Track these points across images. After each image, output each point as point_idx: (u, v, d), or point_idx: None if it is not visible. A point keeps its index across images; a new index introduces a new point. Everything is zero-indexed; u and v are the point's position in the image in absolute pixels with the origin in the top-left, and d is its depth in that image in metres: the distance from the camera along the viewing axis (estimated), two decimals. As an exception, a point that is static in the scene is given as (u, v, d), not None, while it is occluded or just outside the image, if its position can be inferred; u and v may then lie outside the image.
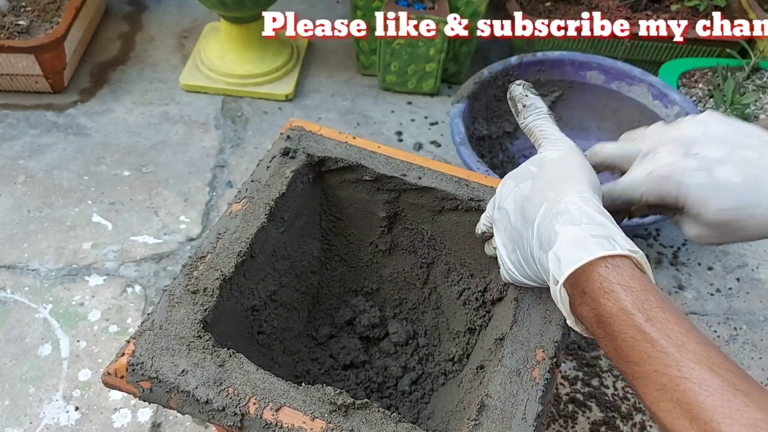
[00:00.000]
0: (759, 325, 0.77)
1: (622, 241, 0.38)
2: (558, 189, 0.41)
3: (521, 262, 0.45)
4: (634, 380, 0.36)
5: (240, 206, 0.54)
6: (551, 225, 0.40)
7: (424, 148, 0.95)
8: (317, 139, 0.60)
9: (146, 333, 0.45)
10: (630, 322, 0.35)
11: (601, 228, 0.39)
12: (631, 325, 0.35)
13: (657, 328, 0.35)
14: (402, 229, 0.63)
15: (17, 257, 0.77)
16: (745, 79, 0.95)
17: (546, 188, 0.42)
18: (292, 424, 0.41)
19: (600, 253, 0.37)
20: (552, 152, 0.44)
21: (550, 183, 0.42)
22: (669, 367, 0.33)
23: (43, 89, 0.96)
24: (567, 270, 0.38)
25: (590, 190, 0.41)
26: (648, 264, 0.38)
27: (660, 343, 0.34)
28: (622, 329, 0.36)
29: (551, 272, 0.40)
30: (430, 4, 0.93)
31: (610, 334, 0.37)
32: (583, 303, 0.38)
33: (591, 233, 0.38)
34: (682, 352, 0.33)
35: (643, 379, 0.35)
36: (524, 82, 0.49)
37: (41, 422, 0.63)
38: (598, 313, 0.37)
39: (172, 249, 0.79)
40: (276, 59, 1.01)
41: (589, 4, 1.07)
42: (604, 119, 0.92)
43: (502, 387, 0.44)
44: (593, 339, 0.40)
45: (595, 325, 0.38)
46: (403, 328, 0.64)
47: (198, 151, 0.91)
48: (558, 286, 0.39)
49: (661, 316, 0.35)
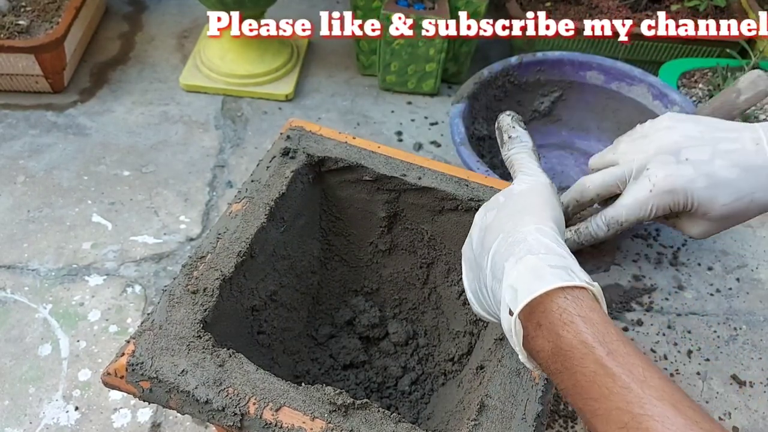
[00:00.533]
0: (759, 325, 0.77)
1: (579, 273, 0.37)
2: (516, 220, 0.41)
3: (478, 292, 0.44)
4: (593, 418, 0.34)
5: (240, 206, 0.54)
6: (506, 254, 0.39)
7: (424, 148, 0.95)
8: (317, 139, 0.60)
9: (146, 333, 0.45)
10: (591, 355, 0.34)
11: (559, 258, 0.38)
12: (591, 359, 0.34)
13: (618, 363, 0.33)
14: (402, 229, 0.63)
15: (17, 257, 0.77)
16: (745, 80, 0.95)
17: (506, 219, 0.42)
18: (292, 424, 0.41)
19: (558, 284, 0.36)
20: (522, 185, 0.44)
21: (511, 214, 0.42)
22: (631, 404, 0.32)
23: (43, 89, 0.96)
24: (524, 300, 0.36)
25: (551, 223, 0.41)
26: (603, 297, 0.38)
27: (622, 379, 0.33)
28: (582, 363, 0.34)
29: (505, 303, 0.38)
30: (430, 4, 0.93)
31: (568, 369, 0.35)
32: (539, 336, 0.36)
33: (548, 263, 0.37)
34: (645, 388, 0.32)
35: (604, 417, 0.33)
36: (513, 113, 0.49)
37: (41, 422, 0.63)
38: (556, 346, 0.35)
39: (172, 249, 0.79)
40: (276, 59, 1.01)
41: (589, 4, 1.07)
42: (604, 119, 0.92)
43: (502, 387, 0.44)
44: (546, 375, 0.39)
45: (551, 359, 0.36)
46: (403, 328, 0.64)
47: (198, 151, 0.91)
48: (513, 317, 0.37)
49: (623, 350, 0.34)
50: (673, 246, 0.84)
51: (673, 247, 0.84)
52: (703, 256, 0.83)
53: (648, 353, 0.73)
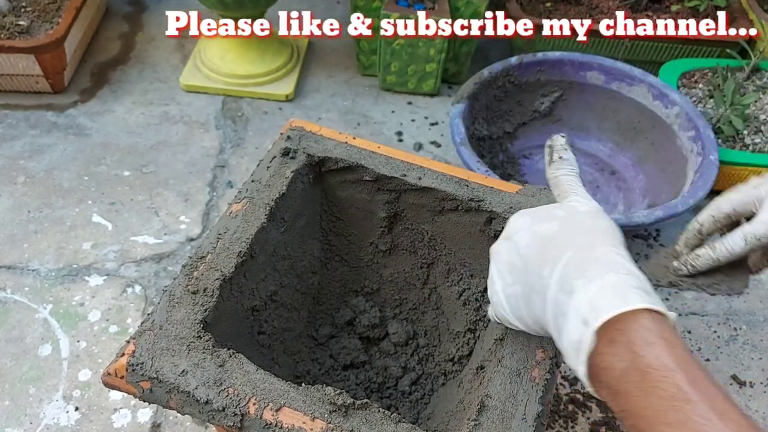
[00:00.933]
0: (759, 325, 0.77)
1: (657, 298, 0.37)
2: (589, 237, 0.41)
3: (519, 297, 0.43)
4: None
5: (240, 206, 0.54)
6: (581, 269, 0.39)
7: (424, 148, 0.95)
8: (317, 139, 0.60)
9: (146, 333, 0.45)
10: (671, 379, 0.33)
11: (639, 280, 0.38)
12: (671, 383, 0.33)
13: (699, 391, 0.32)
14: (402, 229, 0.63)
15: (17, 257, 0.77)
16: (745, 80, 0.95)
17: (577, 235, 0.41)
18: (292, 424, 0.41)
19: (643, 305, 0.36)
20: (584, 206, 0.44)
21: (581, 231, 0.42)
22: None
23: (43, 89, 0.96)
24: (606, 315, 0.36)
25: (623, 248, 0.41)
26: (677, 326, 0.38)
27: (701, 407, 0.32)
28: (660, 386, 0.33)
29: (580, 315, 0.38)
30: (430, 4, 0.93)
31: (643, 390, 0.34)
32: (610, 353, 0.36)
33: (630, 284, 0.37)
34: (725, 421, 0.31)
35: None
36: (566, 136, 0.49)
37: (41, 422, 0.63)
38: (632, 365, 0.34)
39: (172, 249, 0.79)
40: (276, 59, 1.01)
41: (589, 4, 1.07)
42: (604, 119, 0.92)
43: (502, 387, 0.44)
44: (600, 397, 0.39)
45: (623, 378, 0.35)
46: (403, 328, 0.64)
47: (198, 151, 0.91)
48: (590, 330, 0.37)
49: (704, 380, 0.33)
50: (674, 246, 0.84)
51: (673, 248, 0.84)
52: (703, 257, 0.83)
53: (648, 353, 0.73)
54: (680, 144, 0.84)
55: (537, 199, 0.56)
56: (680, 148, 0.84)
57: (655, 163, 0.87)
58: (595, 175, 0.91)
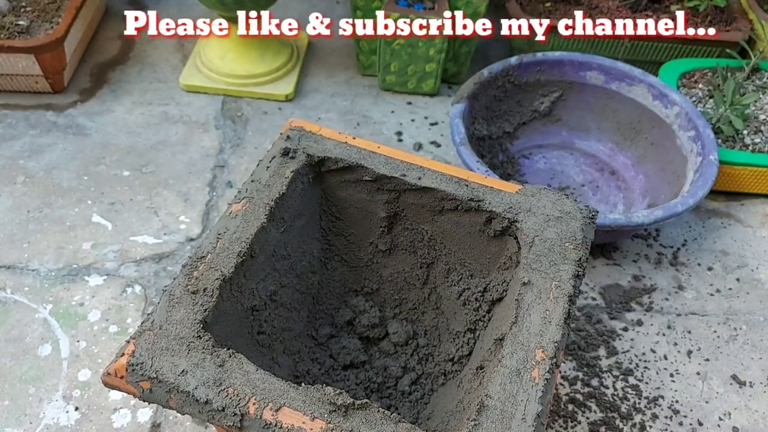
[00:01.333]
0: (759, 325, 0.77)
1: None
2: None
3: None
4: None
5: (240, 206, 0.54)
6: None
7: (424, 148, 0.95)
8: (317, 139, 0.60)
9: (146, 333, 0.45)
10: None
11: None
12: None
13: None
14: (402, 229, 0.63)
15: (17, 257, 0.77)
16: (745, 80, 0.95)
17: None
18: (291, 424, 0.41)
19: None
20: None
21: None
22: None
23: (43, 89, 0.96)
24: None
25: None
26: None
27: None
28: None
29: None
30: (430, 4, 0.93)
31: None
32: None
33: None
34: None
35: None
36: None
37: (41, 422, 0.63)
38: None
39: (172, 249, 0.79)
40: (276, 59, 1.01)
41: (589, 4, 1.07)
42: (604, 119, 0.92)
43: (501, 387, 0.44)
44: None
45: None
46: (403, 328, 0.64)
47: (198, 151, 0.91)
48: None
49: None
50: (673, 246, 0.84)
51: (673, 248, 0.84)
52: (703, 257, 0.83)
53: (648, 353, 0.73)
54: (680, 144, 0.84)
55: (537, 199, 0.56)
56: (680, 148, 0.84)
57: (654, 163, 0.87)
58: (595, 175, 0.91)
